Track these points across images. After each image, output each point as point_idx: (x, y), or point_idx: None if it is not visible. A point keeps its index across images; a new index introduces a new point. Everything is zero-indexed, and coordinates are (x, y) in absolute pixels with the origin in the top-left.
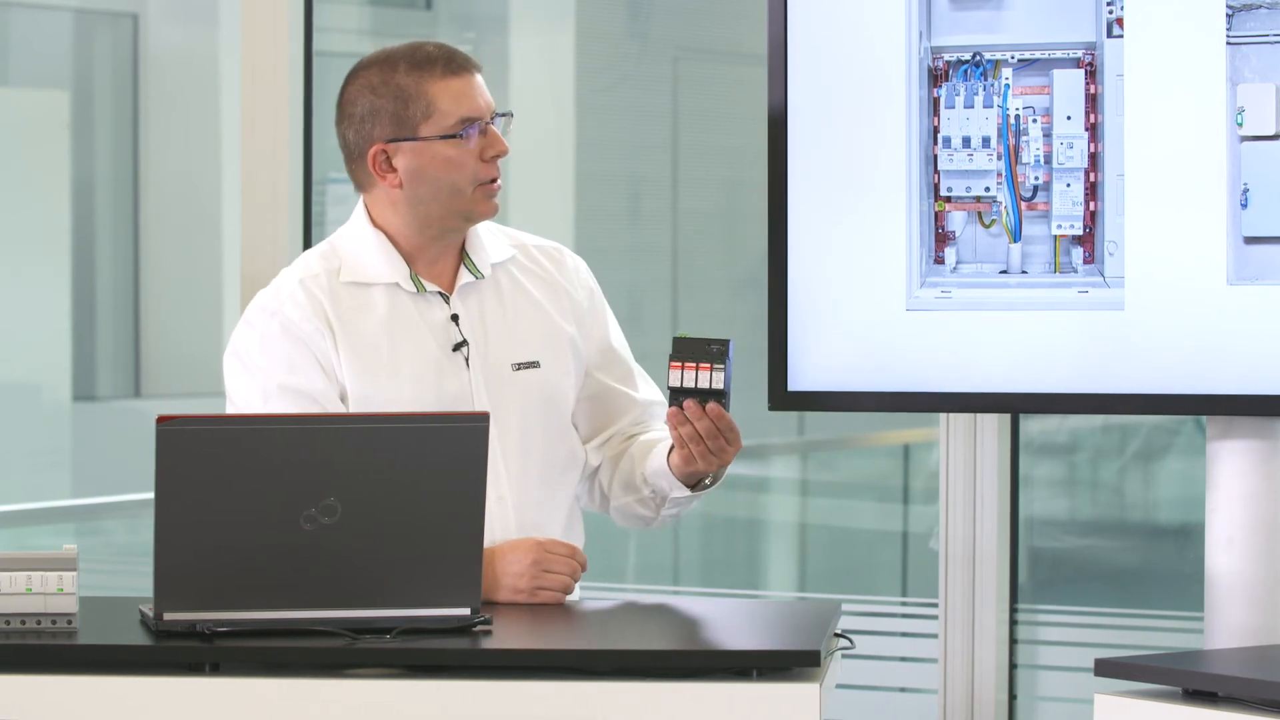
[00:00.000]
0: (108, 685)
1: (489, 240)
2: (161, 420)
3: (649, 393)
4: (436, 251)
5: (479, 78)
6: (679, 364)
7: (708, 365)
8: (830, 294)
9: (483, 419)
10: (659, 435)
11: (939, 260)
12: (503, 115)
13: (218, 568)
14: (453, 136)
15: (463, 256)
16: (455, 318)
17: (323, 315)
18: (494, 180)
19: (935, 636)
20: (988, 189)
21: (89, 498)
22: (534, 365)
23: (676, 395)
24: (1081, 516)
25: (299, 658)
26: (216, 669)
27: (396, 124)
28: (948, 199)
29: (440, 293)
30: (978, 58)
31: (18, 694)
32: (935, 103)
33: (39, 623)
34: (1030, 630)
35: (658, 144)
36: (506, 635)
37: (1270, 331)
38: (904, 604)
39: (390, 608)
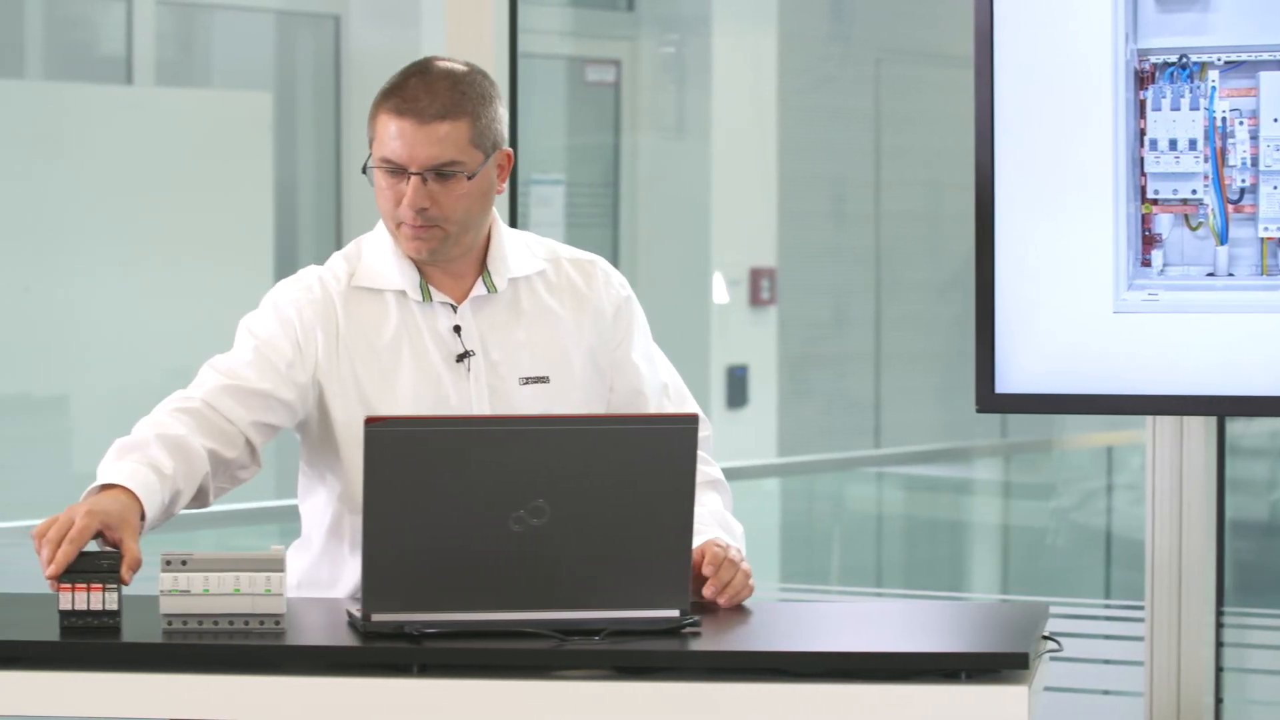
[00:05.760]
0: (316, 686)
1: (514, 254)
2: (370, 421)
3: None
4: (443, 264)
5: (430, 129)
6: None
7: (99, 585)
8: (1037, 296)
9: (692, 420)
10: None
11: (1145, 263)
12: (433, 175)
13: (425, 569)
14: (372, 169)
15: (483, 269)
16: (457, 329)
17: (332, 315)
18: (415, 226)
19: (1140, 639)
20: (1194, 191)
21: (291, 499)
22: (543, 380)
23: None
24: None
25: (507, 659)
26: (424, 670)
27: (369, 137)
28: (1154, 201)
29: (448, 303)
30: (1184, 60)
31: (227, 693)
32: (1141, 105)
33: (247, 623)
34: (1237, 633)
35: (860, 146)
36: (715, 637)
37: None
38: (1107, 606)
39: (598, 609)
